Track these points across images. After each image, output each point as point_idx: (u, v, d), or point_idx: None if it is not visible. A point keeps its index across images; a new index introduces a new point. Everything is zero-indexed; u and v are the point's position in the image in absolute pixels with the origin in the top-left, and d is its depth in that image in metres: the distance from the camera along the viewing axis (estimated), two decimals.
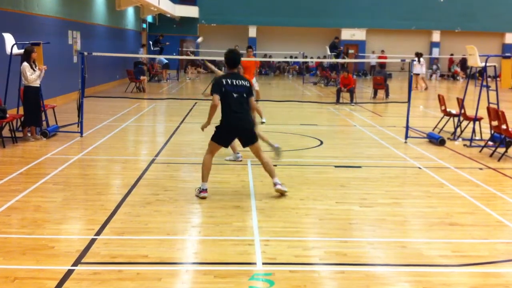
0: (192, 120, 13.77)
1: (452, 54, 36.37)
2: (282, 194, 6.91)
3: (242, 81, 6.88)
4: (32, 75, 10.21)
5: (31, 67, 10.24)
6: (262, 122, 12.95)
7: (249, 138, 6.93)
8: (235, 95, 6.77)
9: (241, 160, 8.80)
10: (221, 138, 6.95)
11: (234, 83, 6.81)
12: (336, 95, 19.08)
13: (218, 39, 36.72)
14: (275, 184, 6.90)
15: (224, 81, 6.81)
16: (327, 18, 35.76)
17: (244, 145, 7.08)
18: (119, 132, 11.76)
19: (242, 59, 13.08)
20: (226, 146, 7.26)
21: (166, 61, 27.24)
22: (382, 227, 5.92)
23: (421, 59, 24.29)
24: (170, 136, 11.39)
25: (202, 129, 7.08)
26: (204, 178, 6.87)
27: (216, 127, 6.93)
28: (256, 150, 6.95)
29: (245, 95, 6.83)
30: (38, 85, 10.50)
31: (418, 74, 24.48)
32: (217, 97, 6.74)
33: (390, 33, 37.25)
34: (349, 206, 6.66)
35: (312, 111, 15.77)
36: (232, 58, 6.99)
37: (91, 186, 7.31)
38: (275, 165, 8.61)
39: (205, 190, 6.81)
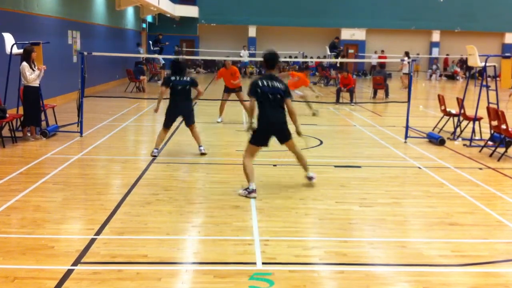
0: None
1: (448, 54, 36.36)
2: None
3: (277, 83, 7.09)
4: (32, 75, 10.21)
5: (31, 67, 10.23)
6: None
7: (284, 136, 7.20)
8: (270, 96, 7.00)
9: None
10: (259, 139, 7.14)
11: (270, 85, 7.04)
12: (336, 95, 19.08)
13: (218, 39, 36.75)
14: (310, 178, 7.46)
15: (260, 82, 7.08)
16: (327, 18, 35.75)
17: (281, 143, 7.34)
18: (119, 132, 11.76)
19: None
20: (266, 145, 7.32)
21: (164, 61, 27.25)
22: (382, 227, 5.92)
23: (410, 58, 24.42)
24: (170, 135, 11.38)
25: (247, 130, 7.26)
26: (250, 179, 7.00)
27: (254, 130, 7.16)
28: (292, 146, 7.33)
29: (279, 96, 7.04)
30: (38, 85, 10.50)
31: (407, 74, 24.63)
32: (252, 99, 7.07)
33: (390, 33, 37.25)
34: (349, 206, 6.67)
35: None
36: (271, 59, 7.26)
37: (91, 186, 7.31)
38: (275, 165, 8.64)
39: (254, 191, 6.93)
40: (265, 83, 7.04)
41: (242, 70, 30.98)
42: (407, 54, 24.62)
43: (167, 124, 9.34)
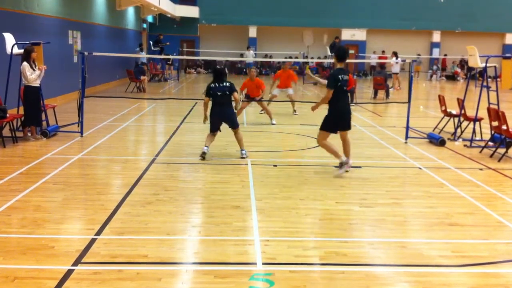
0: (192, 120, 13.77)
1: (445, 55, 36.34)
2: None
3: (346, 76, 8.02)
4: (32, 75, 10.21)
5: (31, 67, 10.24)
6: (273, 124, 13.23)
7: (348, 125, 8.24)
8: (345, 88, 8.04)
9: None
10: (331, 126, 8.12)
11: (344, 78, 7.95)
12: None
13: (218, 39, 36.77)
14: (345, 163, 8.18)
15: (340, 77, 7.92)
16: (327, 18, 35.77)
17: (344, 130, 8.22)
18: (119, 132, 11.76)
19: None
20: (335, 132, 8.23)
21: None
22: (382, 227, 5.92)
23: (399, 58, 24.47)
24: (171, 136, 11.39)
25: (313, 109, 8.47)
26: (337, 155, 8.21)
27: (326, 117, 8.13)
28: (346, 134, 8.25)
29: (345, 88, 8.07)
30: (38, 85, 10.51)
31: (396, 73, 24.61)
32: (331, 92, 7.91)
33: (390, 34, 37.26)
34: (349, 206, 6.67)
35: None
36: (344, 51, 8.14)
37: (91, 186, 7.31)
38: (275, 165, 8.63)
39: (346, 163, 8.16)
40: (342, 77, 7.90)
41: (244, 70, 30.95)
42: (395, 54, 24.79)
43: (212, 129, 9.39)
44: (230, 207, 6.47)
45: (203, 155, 9.01)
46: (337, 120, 8.12)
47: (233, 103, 9.52)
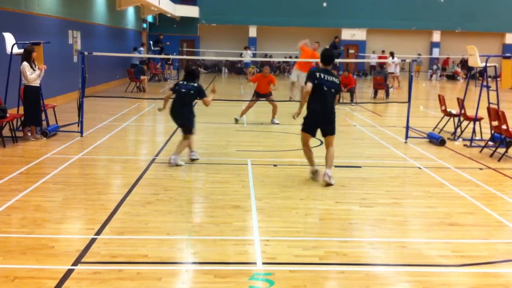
0: None
1: (449, 58, 36.30)
2: (328, 184, 7.48)
3: (334, 78, 7.62)
4: (32, 75, 10.21)
5: (31, 67, 10.24)
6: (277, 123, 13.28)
7: (330, 129, 7.66)
8: (325, 88, 7.49)
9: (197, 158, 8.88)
10: (308, 127, 7.70)
11: (326, 78, 7.54)
12: None
13: (218, 39, 36.76)
14: (324, 174, 7.52)
15: (318, 74, 7.55)
16: (327, 18, 35.76)
17: (324, 135, 7.75)
18: (119, 132, 11.76)
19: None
20: (314, 135, 7.80)
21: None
22: (382, 227, 5.92)
23: (395, 58, 24.51)
24: (170, 136, 11.38)
25: (294, 117, 7.82)
26: (311, 163, 7.84)
27: (304, 117, 7.70)
28: (330, 141, 7.71)
29: (333, 90, 7.57)
30: (38, 85, 10.51)
31: (392, 73, 24.60)
32: (309, 85, 7.46)
33: (390, 33, 37.25)
34: (349, 206, 6.67)
35: None
36: (328, 55, 7.81)
37: (91, 186, 7.31)
38: (275, 165, 8.64)
39: (316, 171, 7.77)
40: (322, 76, 7.52)
41: (243, 70, 30.94)
42: (391, 54, 24.87)
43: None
44: (230, 207, 6.47)
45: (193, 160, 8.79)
46: (314, 121, 7.60)
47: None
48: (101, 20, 22.07)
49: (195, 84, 8.68)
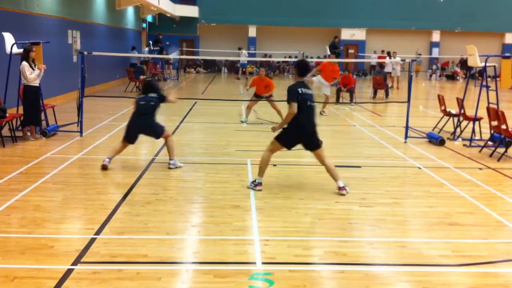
0: (191, 120, 13.77)
1: (452, 62, 36.27)
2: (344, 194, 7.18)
3: (309, 90, 7.26)
4: (32, 74, 10.21)
5: (30, 66, 10.23)
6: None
7: (316, 142, 7.24)
8: (308, 103, 7.14)
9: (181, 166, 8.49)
10: (288, 140, 7.25)
11: (305, 92, 7.15)
12: (335, 95, 19.07)
13: (218, 38, 36.75)
14: (339, 188, 7.18)
15: (300, 90, 7.10)
16: (327, 18, 35.76)
17: (309, 149, 7.31)
18: (118, 132, 11.73)
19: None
20: (289, 148, 7.42)
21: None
22: (382, 227, 5.92)
23: (396, 58, 24.53)
24: None
25: (274, 130, 7.39)
26: (261, 173, 7.30)
27: (284, 129, 7.21)
28: (322, 155, 7.28)
29: (314, 103, 7.26)
30: (38, 85, 10.50)
31: (390, 73, 24.60)
32: (295, 105, 7.01)
33: (390, 33, 37.26)
34: (349, 206, 6.66)
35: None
36: (304, 67, 7.38)
37: (91, 186, 7.30)
38: (275, 165, 8.63)
39: (260, 184, 7.26)
40: (302, 90, 7.12)
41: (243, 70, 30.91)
42: (388, 54, 24.95)
43: (127, 139, 8.58)
44: (229, 206, 6.47)
45: (104, 167, 8.17)
46: (296, 135, 7.15)
47: None
48: (100, 20, 22.07)
49: (155, 95, 8.60)
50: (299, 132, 7.14)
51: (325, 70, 16.01)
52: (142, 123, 8.52)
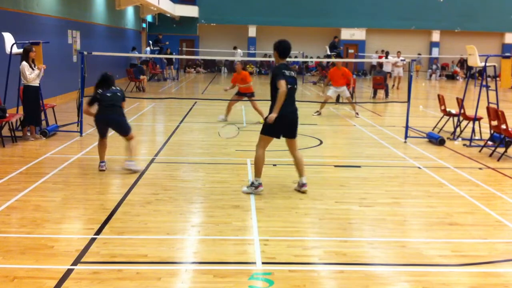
0: (191, 120, 13.77)
1: (456, 64, 36.28)
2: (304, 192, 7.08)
3: (292, 73, 6.94)
4: (31, 75, 10.21)
5: (30, 66, 10.23)
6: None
7: (295, 131, 7.05)
8: (290, 86, 6.81)
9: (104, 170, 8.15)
10: (275, 130, 6.92)
11: (289, 75, 6.86)
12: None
13: (217, 38, 36.77)
14: (301, 185, 7.13)
15: (284, 72, 6.80)
16: (327, 18, 35.77)
17: (290, 137, 7.06)
18: None
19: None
20: (278, 137, 7.05)
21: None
22: (382, 226, 5.92)
23: (389, 57, 24.56)
24: (170, 135, 11.39)
25: (270, 120, 6.82)
26: (259, 173, 7.02)
27: (266, 118, 6.88)
28: (295, 145, 7.10)
29: (296, 87, 6.98)
30: (38, 85, 10.50)
31: (389, 73, 24.59)
32: (284, 83, 6.67)
33: (390, 33, 37.27)
34: (349, 205, 6.66)
35: (312, 111, 15.74)
36: (286, 47, 6.92)
37: (91, 186, 7.30)
38: (275, 165, 8.63)
39: (261, 184, 7.01)
40: (287, 72, 6.83)
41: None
42: (386, 54, 25.08)
43: (102, 135, 8.38)
44: (229, 206, 6.46)
45: (102, 171, 8.07)
46: (285, 123, 6.88)
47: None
48: (100, 19, 22.07)
49: (118, 89, 8.32)
50: (286, 119, 6.85)
51: (335, 77, 15.73)
52: (111, 115, 8.16)
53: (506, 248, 5.44)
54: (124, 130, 8.38)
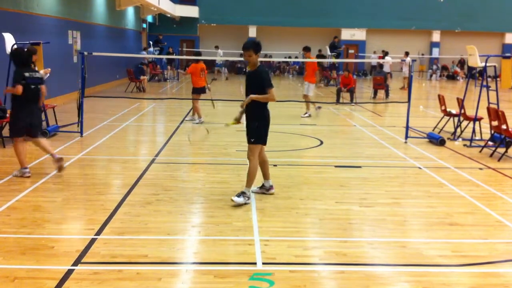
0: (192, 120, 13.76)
1: (459, 65, 36.31)
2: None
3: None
4: None
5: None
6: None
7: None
8: None
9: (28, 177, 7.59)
10: (264, 135, 6.71)
11: None
12: (336, 95, 19.09)
13: (218, 39, 36.75)
14: (268, 188, 6.98)
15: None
16: (327, 18, 35.79)
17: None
18: (119, 132, 11.76)
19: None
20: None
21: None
22: (382, 227, 5.92)
23: (387, 57, 24.59)
24: (170, 136, 11.39)
25: (243, 105, 6.69)
26: (250, 184, 6.70)
27: (257, 125, 6.58)
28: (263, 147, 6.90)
29: None
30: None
31: (389, 73, 24.56)
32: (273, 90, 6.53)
33: (390, 33, 37.28)
34: (349, 206, 6.66)
35: (312, 111, 15.74)
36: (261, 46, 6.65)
37: (91, 186, 7.30)
38: (275, 165, 8.63)
39: (249, 198, 6.65)
40: None
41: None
42: (386, 54, 25.22)
43: (21, 133, 7.64)
44: (229, 207, 6.46)
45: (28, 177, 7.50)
46: (267, 126, 6.69)
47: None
48: (101, 20, 22.08)
49: (39, 75, 7.67)
50: (268, 122, 6.71)
51: (309, 71, 15.19)
52: (33, 112, 7.59)
53: (506, 248, 5.44)
54: (40, 129, 7.73)
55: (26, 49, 10.35)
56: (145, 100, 17.91)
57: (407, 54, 25.68)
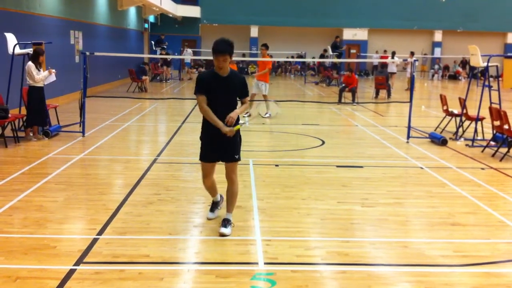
0: (194, 120, 13.76)
1: (455, 61, 36.30)
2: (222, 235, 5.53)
3: None
4: (39, 75, 10.25)
5: (36, 68, 10.26)
6: None
7: None
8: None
9: None
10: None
11: None
12: (338, 95, 19.08)
13: None
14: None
15: None
16: (328, 18, 35.79)
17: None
18: (121, 132, 11.77)
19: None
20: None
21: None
22: (384, 227, 5.92)
23: (395, 57, 24.57)
24: (172, 136, 11.39)
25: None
26: (233, 208, 5.80)
27: (240, 139, 5.75)
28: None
29: None
30: (42, 85, 10.53)
31: (394, 73, 24.51)
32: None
33: (392, 33, 37.27)
34: (351, 206, 6.66)
35: (314, 111, 15.78)
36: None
37: (93, 186, 7.31)
38: (277, 165, 8.62)
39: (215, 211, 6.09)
40: None
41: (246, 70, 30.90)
42: (393, 53, 25.21)
43: None
44: None
45: None
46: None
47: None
48: (102, 20, 22.10)
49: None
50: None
51: (263, 69, 14.47)
52: None
53: (508, 248, 5.43)
54: None
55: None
56: (147, 100, 17.92)
57: (412, 54, 25.62)
